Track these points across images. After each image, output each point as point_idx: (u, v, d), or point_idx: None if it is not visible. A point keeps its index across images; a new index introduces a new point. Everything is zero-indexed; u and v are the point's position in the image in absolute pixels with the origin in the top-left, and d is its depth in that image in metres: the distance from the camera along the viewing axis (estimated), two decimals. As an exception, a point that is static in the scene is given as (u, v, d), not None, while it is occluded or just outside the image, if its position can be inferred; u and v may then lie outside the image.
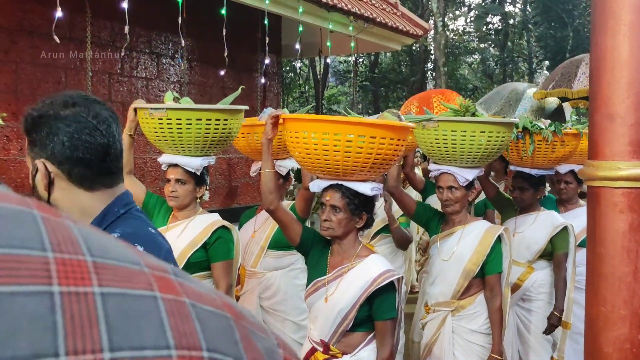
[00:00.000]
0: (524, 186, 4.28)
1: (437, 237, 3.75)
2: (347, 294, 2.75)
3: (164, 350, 0.35)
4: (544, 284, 4.32)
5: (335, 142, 2.65)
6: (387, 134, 2.70)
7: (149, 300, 0.37)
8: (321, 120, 2.82)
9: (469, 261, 3.55)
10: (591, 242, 2.35)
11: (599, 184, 2.30)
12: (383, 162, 2.76)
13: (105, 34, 5.27)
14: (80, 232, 0.39)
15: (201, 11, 5.53)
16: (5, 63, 4.51)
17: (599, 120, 2.31)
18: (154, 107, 3.21)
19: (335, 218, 2.78)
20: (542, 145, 4.05)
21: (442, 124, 3.50)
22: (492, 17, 24.95)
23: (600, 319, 2.29)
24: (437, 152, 3.59)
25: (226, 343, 0.39)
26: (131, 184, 3.45)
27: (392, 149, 2.74)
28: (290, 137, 2.81)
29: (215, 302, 0.41)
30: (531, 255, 4.30)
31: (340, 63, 25.01)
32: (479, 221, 3.75)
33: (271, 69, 6.98)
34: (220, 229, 3.35)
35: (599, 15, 2.30)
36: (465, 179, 3.55)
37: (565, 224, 4.29)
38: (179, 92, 5.94)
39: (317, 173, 2.88)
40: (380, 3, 7.48)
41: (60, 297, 0.34)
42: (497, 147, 3.53)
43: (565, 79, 7.08)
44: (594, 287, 2.32)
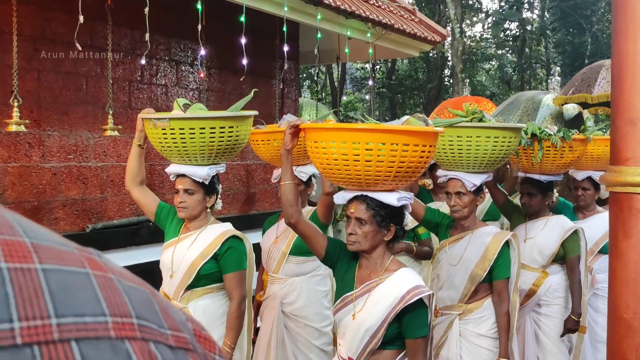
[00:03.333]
0: (533, 192, 4.27)
1: (445, 242, 3.76)
2: (375, 311, 2.63)
3: (101, 317, 0.39)
4: (559, 288, 4.33)
5: (355, 150, 2.51)
6: (410, 140, 2.55)
7: (82, 275, 0.41)
8: (338, 129, 2.68)
9: (476, 266, 3.56)
10: (613, 249, 2.34)
11: (621, 190, 2.29)
12: (409, 171, 2.61)
13: (125, 42, 5.32)
14: (14, 218, 0.43)
15: (220, 19, 5.57)
16: (28, 71, 4.57)
17: (620, 126, 2.30)
18: (158, 117, 3.15)
19: (361, 231, 2.64)
20: (550, 151, 4.05)
21: (448, 129, 3.46)
22: (510, 24, 24.85)
23: (623, 326, 2.28)
24: (444, 158, 3.57)
25: (149, 312, 0.43)
26: (143, 195, 3.41)
27: (417, 155, 2.59)
28: (310, 147, 2.71)
29: (134, 279, 0.46)
30: (544, 260, 4.31)
31: (357, 70, 25.04)
32: (487, 226, 3.77)
33: (289, 76, 7.00)
34: (231, 239, 3.27)
35: (620, 21, 2.29)
36: (473, 184, 3.55)
37: (576, 227, 4.30)
38: (198, 99, 5.98)
39: (340, 184, 2.76)
40: (398, 9, 7.49)
41: (8, 272, 0.38)
42: (504, 152, 3.52)
43: (585, 84, 7.04)
44: (617, 293, 2.31)
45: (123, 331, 0.40)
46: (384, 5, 7.14)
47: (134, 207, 5.21)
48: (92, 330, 0.39)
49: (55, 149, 4.86)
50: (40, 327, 0.37)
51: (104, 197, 5.11)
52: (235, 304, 3.23)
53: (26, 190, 4.48)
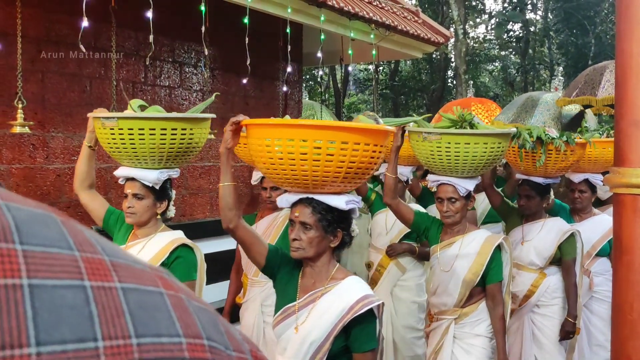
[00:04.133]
0: (531, 194, 4.28)
1: (436, 248, 3.73)
2: (321, 323, 2.44)
3: (176, 337, 0.40)
4: (557, 289, 4.34)
5: (302, 149, 2.34)
6: (361, 139, 2.39)
7: (157, 295, 0.42)
8: (284, 125, 2.49)
9: (469, 271, 3.56)
10: (617, 250, 2.34)
11: (624, 191, 2.29)
12: (358, 172, 2.46)
13: (129, 44, 5.33)
14: (92, 235, 0.44)
15: (224, 20, 5.58)
16: (32, 72, 4.58)
17: (624, 127, 2.30)
18: (106, 117, 3.01)
19: (306, 237, 2.46)
20: (552, 155, 4.06)
21: (444, 136, 3.44)
22: (513, 25, 24.82)
23: (627, 327, 2.28)
24: (437, 164, 3.52)
25: (217, 333, 0.44)
26: (91, 199, 3.26)
27: (368, 156, 2.44)
28: (253, 145, 2.53)
29: (200, 299, 0.47)
30: (542, 262, 4.33)
31: (360, 71, 25.04)
32: (478, 230, 3.76)
33: (292, 77, 7.01)
34: (180, 248, 3.08)
35: (624, 22, 2.29)
36: (466, 190, 3.54)
37: (573, 230, 4.33)
38: (202, 101, 5.98)
39: (284, 185, 2.56)
40: (401, 11, 7.49)
41: (92, 290, 0.39)
42: (496, 156, 3.52)
43: (589, 86, 7.01)
44: (621, 295, 2.31)
45: (196, 352, 0.41)
46: (387, 7, 7.14)
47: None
48: (168, 351, 0.39)
49: (59, 151, 4.87)
50: (122, 347, 0.38)
51: (108, 198, 5.11)
52: None
53: (30, 192, 4.49)
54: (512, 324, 4.40)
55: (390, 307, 4.81)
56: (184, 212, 5.87)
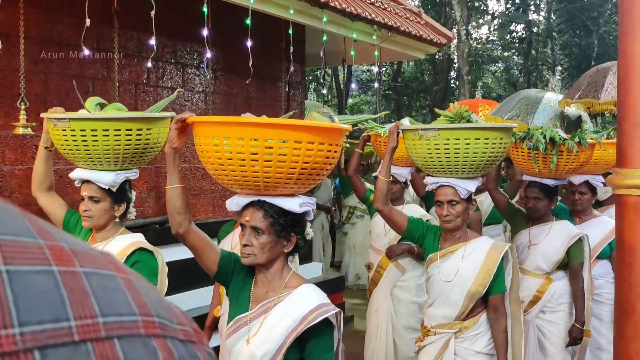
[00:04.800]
0: (539, 196, 4.19)
1: (436, 256, 3.48)
2: (273, 335, 2.30)
3: (133, 316, 0.43)
4: (563, 294, 4.26)
5: (253, 148, 2.21)
6: (316, 138, 2.26)
7: (112, 278, 0.45)
8: (233, 123, 2.33)
9: (474, 283, 3.33)
10: (619, 251, 2.33)
11: (627, 192, 2.28)
12: (313, 172, 2.32)
13: (132, 44, 5.34)
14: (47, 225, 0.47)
15: (226, 21, 5.58)
16: (35, 74, 4.59)
17: (627, 128, 2.29)
18: (58, 117, 2.91)
19: (258, 242, 2.32)
20: (563, 156, 3.97)
21: (443, 132, 3.22)
22: (516, 26, 24.82)
23: (630, 329, 2.27)
24: (435, 164, 3.29)
25: (164, 310, 0.47)
26: (50, 201, 3.18)
27: (323, 155, 2.31)
28: (199, 145, 2.37)
29: (144, 279, 0.50)
30: (549, 267, 4.23)
31: (362, 72, 25.04)
32: (480, 237, 3.52)
33: (295, 78, 7.01)
34: (139, 252, 2.97)
35: (627, 22, 2.29)
36: (467, 191, 3.32)
37: (581, 234, 4.23)
38: (204, 102, 5.99)
39: (234, 187, 2.40)
40: (404, 12, 7.49)
41: (60, 275, 0.41)
42: (499, 154, 3.31)
43: (592, 88, 6.95)
44: (623, 296, 2.30)
45: (149, 329, 0.44)
46: (389, 8, 7.14)
47: (140, 210, 5.22)
48: (128, 328, 0.42)
49: (61, 152, 4.87)
50: (91, 326, 0.41)
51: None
52: None
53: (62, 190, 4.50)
54: None
55: (390, 307, 4.79)
56: (187, 213, 5.87)
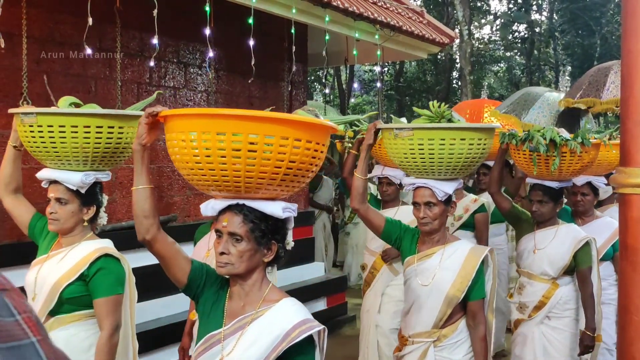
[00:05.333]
0: (544, 199, 4.08)
1: (413, 259, 3.35)
2: (250, 353, 2.06)
3: None
4: (569, 300, 4.14)
5: (235, 144, 1.98)
6: (303, 135, 2.05)
7: None
8: (214, 115, 2.08)
9: (452, 287, 3.19)
10: (623, 251, 2.33)
11: (630, 191, 2.27)
12: (298, 174, 2.11)
13: (134, 44, 5.34)
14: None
15: (229, 21, 5.58)
16: (37, 73, 4.59)
17: (630, 127, 2.29)
18: (24, 112, 2.74)
19: (236, 250, 2.08)
20: (566, 157, 3.86)
21: (417, 132, 3.09)
22: (518, 26, 24.82)
23: (633, 328, 2.26)
24: (411, 164, 3.17)
25: None
26: (16, 204, 3.02)
27: (310, 155, 2.10)
28: (172, 141, 2.12)
29: None
30: (555, 272, 4.11)
31: (365, 72, 25.04)
32: (460, 241, 3.40)
33: (297, 78, 7.01)
34: (104, 259, 2.80)
35: (630, 21, 2.28)
36: (445, 193, 3.19)
37: (588, 237, 4.11)
38: (206, 101, 5.99)
39: (211, 190, 2.15)
40: (406, 11, 7.48)
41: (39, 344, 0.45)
42: (478, 155, 3.15)
43: (594, 88, 6.93)
44: (627, 295, 2.29)
45: None
46: (392, 7, 7.13)
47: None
48: None
49: (64, 151, 4.87)
50: None
51: (112, 199, 5.12)
52: (106, 335, 2.73)
53: (35, 192, 4.48)
54: (518, 335, 4.27)
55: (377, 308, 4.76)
56: (189, 212, 5.87)
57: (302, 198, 6.99)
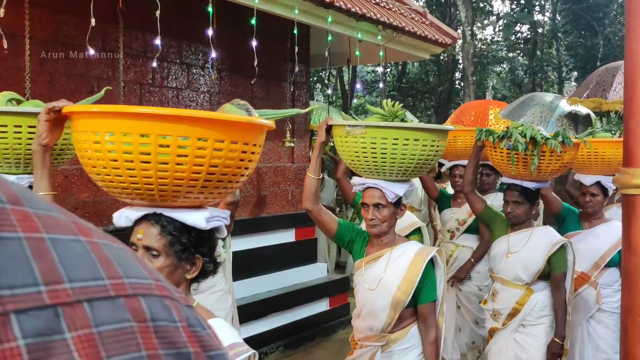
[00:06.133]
0: (520, 200, 3.90)
1: (361, 263, 3.26)
2: None
3: (100, 280, 0.46)
4: (544, 307, 3.95)
5: (144, 147, 1.73)
6: (226, 135, 1.81)
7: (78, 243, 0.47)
8: (116, 113, 1.83)
9: (398, 290, 3.05)
10: (626, 252, 2.32)
11: (634, 192, 2.27)
12: (223, 179, 1.86)
13: (137, 45, 5.34)
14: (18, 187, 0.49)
15: (231, 22, 5.58)
16: (40, 74, 4.60)
17: (633, 127, 2.28)
18: None
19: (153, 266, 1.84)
20: (545, 156, 3.71)
21: (371, 130, 2.95)
22: (521, 26, 24.78)
23: (637, 329, 2.26)
24: (362, 164, 3.04)
25: (133, 268, 0.49)
26: None
27: (236, 157, 1.85)
28: (78, 142, 1.88)
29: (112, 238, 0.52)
30: (529, 277, 3.92)
31: (367, 73, 25.03)
32: (408, 242, 3.25)
33: (300, 78, 7.01)
34: None
35: (633, 21, 2.27)
36: (395, 195, 3.06)
37: (563, 241, 3.93)
38: (209, 102, 5.99)
39: (123, 197, 1.91)
40: (409, 12, 7.48)
41: (87, 244, 0.47)
42: (431, 157, 3.03)
43: (600, 87, 6.87)
44: (630, 296, 2.29)
45: (119, 290, 0.47)
46: (394, 8, 7.13)
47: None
48: (94, 292, 0.45)
49: (67, 152, 4.88)
50: (120, 284, 0.46)
51: (115, 199, 5.12)
52: None
53: None
54: (493, 344, 4.09)
55: None
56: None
57: (304, 199, 6.98)
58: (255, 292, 6.18)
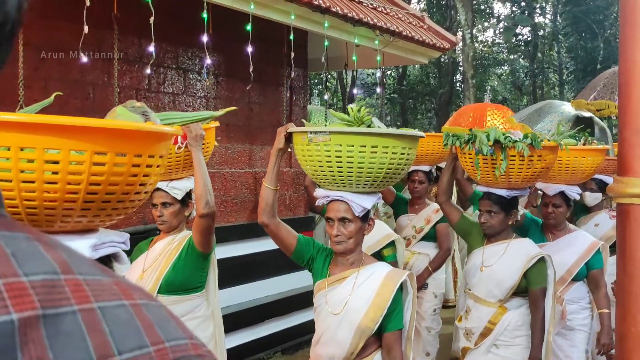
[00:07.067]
0: (494, 210, 3.65)
1: (323, 283, 2.90)
2: None
3: (146, 348, 0.47)
4: (520, 326, 3.66)
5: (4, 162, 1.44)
6: (110, 146, 1.49)
7: (123, 308, 0.48)
8: None
9: (365, 316, 2.75)
10: (621, 261, 2.30)
11: (628, 201, 2.25)
12: (111, 199, 1.55)
13: (133, 50, 5.32)
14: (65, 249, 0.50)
15: (228, 27, 5.56)
16: (35, 80, 4.57)
17: (628, 136, 2.26)
18: None
19: None
20: (516, 161, 3.47)
21: (335, 137, 2.66)
22: (522, 29, 24.78)
23: (631, 340, 2.23)
24: (326, 174, 2.73)
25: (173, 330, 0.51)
26: None
27: (126, 172, 1.53)
28: None
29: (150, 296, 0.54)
30: (502, 293, 3.65)
31: (368, 76, 25.03)
32: (376, 264, 2.93)
33: (297, 83, 6.99)
34: None
35: (628, 29, 2.25)
36: (363, 208, 2.77)
37: (542, 254, 3.66)
38: (205, 107, 5.97)
39: None
40: (406, 16, 7.46)
41: (131, 307, 0.48)
42: (400, 166, 2.76)
43: (608, 90, 6.78)
44: (625, 306, 2.27)
45: (163, 356, 0.48)
46: (392, 13, 7.11)
47: (140, 216, 5.21)
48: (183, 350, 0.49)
49: (62, 158, 4.86)
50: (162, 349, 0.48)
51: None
52: None
53: (33, 199, 4.52)
54: None
55: None
56: (188, 219, 5.85)
57: (302, 203, 6.96)
58: (252, 298, 6.15)
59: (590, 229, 5.03)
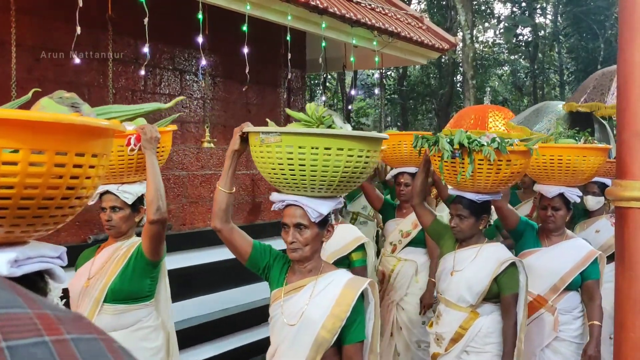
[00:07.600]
0: (463, 214, 3.60)
1: (280, 292, 2.74)
2: None
3: None
4: (491, 333, 3.58)
5: None
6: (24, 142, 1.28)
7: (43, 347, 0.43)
8: None
9: (323, 327, 2.59)
10: (620, 265, 2.27)
11: (627, 205, 2.21)
12: (30, 205, 1.33)
13: (128, 51, 5.29)
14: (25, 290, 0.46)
15: (225, 28, 5.53)
16: (29, 81, 4.54)
17: (627, 139, 2.23)
18: None
19: None
20: (483, 166, 3.38)
21: (286, 137, 2.50)
22: (522, 29, 24.75)
23: (629, 345, 2.20)
24: (280, 177, 2.56)
25: None
26: None
27: (47, 173, 1.32)
28: None
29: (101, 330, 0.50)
30: (473, 298, 3.57)
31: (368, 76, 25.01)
32: (336, 271, 2.76)
33: (295, 84, 6.95)
34: None
35: (627, 31, 2.22)
36: (319, 214, 2.61)
37: (513, 259, 3.59)
38: (202, 108, 5.94)
39: None
40: (405, 17, 7.42)
41: (52, 344, 0.42)
42: (360, 169, 2.57)
43: (598, 92, 6.80)
44: (623, 312, 2.23)
45: None
46: (390, 13, 7.08)
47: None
48: None
49: (57, 160, 4.83)
50: None
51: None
52: None
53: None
54: None
55: None
56: (184, 221, 5.81)
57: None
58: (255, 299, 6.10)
59: (590, 235, 4.94)
